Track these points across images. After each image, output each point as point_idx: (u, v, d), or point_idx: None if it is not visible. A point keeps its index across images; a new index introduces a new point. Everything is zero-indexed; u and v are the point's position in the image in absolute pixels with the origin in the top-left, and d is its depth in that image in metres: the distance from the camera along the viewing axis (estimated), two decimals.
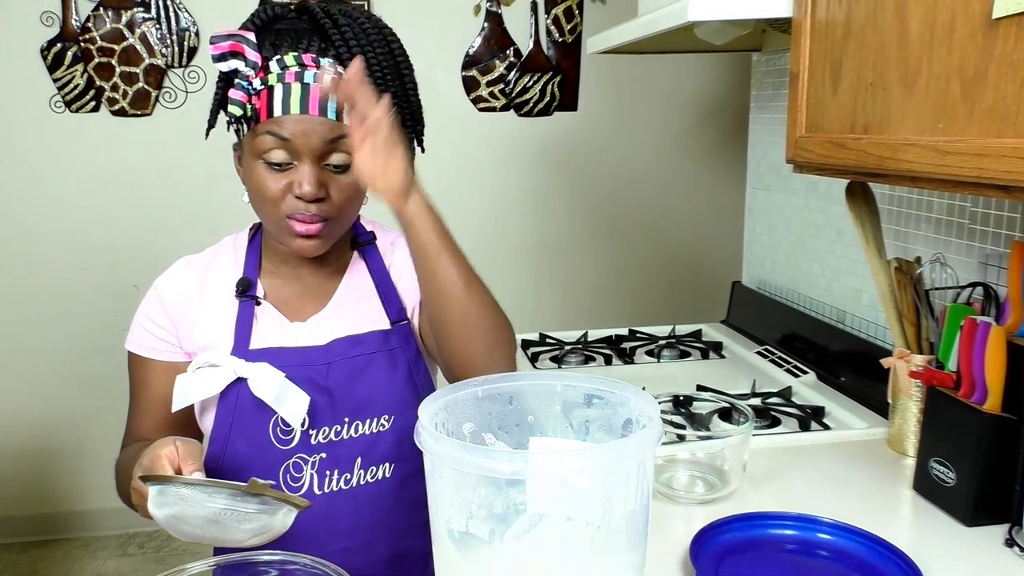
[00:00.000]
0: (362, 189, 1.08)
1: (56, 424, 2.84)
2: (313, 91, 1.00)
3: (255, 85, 1.01)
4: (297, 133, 1.00)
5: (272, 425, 1.06)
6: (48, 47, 2.59)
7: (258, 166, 1.02)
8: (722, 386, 1.60)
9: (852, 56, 1.02)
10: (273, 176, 1.01)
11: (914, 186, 0.95)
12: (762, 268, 2.12)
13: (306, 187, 0.99)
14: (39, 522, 2.89)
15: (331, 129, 1.01)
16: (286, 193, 1.01)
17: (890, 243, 1.46)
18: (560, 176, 2.94)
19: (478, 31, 2.77)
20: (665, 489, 1.16)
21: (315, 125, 1.00)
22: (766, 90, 2.04)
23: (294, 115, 1.00)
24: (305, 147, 1.00)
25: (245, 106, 1.01)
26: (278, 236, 1.07)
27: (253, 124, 1.02)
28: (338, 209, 1.04)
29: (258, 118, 1.01)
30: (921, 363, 1.23)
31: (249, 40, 1.00)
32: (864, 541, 0.99)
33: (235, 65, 1.00)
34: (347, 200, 1.04)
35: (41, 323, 2.76)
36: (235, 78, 1.01)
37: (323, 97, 1.00)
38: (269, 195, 1.02)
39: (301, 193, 1.00)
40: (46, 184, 2.69)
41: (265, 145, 1.00)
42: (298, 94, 1.00)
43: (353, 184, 1.04)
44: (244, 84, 1.01)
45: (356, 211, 1.10)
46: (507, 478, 0.69)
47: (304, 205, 1.01)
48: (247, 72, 1.00)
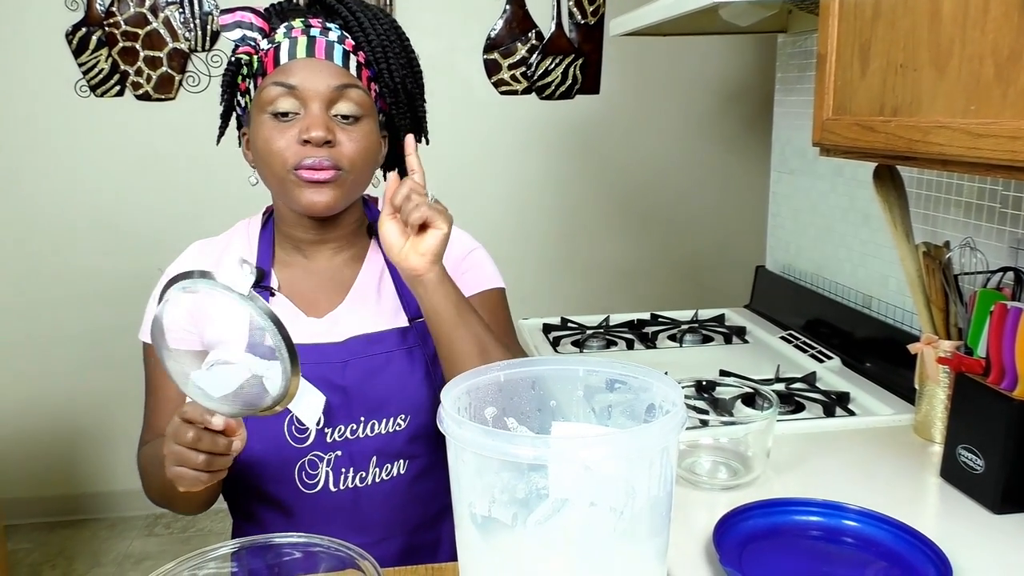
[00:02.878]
0: (377, 152, 1.08)
1: (83, 406, 2.88)
2: (319, 40, 1.01)
3: (262, 45, 1.03)
4: (303, 79, 1.00)
5: (287, 423, 1.04)
6: (73, 31, 2.61)
7: (265, 120, 1.01)
8: (745, 371, 1.59)
9: (882, 37, 1.00)
10: (280, 128, 1.00)
11: (944, 169, 0.93)
12: (786, 253, 2.10)
13: (313, 131, 0.98)
14: (67, 502, 2.94)
15: (338, 75, 1.01)
16: (292, 143, 1.00)
17: (919, 227, 1.44)
18: (582, 159, 2.92)
19: (500, 13, 2.75)
20: (688, 475, 1.15)
21: (322, 69, 1.01)
22: (792, 72, 2.01)
23: (300, 59, 1.00)
24: (311, 92, 1.00)
25: (252, 57, 1.02)
26: (287, 198, 1.04)
27: (260, 80, 1.03)
28: (348, 160, 1.02)
29: (264, 71, 1.02)
30: (949, 349, 1.21)
31: (256, 11, 1.03)
32: (890, 528, 0.98)
33: (242, 32, 1.02)
34: (357, 152, 1.02)
35: (67, 305, 2.80)
36: (240, 46, 1.03)
37: (329, 47, 1.01)
38: (276, 147, 1.00)
39: (309, 136, 0.98)
40: (72, 168, 2.71)
41: (272, 95, 1.00)
42: (304, 43, 1.01)
43: (364, 135, 1.03)
44: (252, 44, 1.02)
45: (370, 171, 1.08)
46: (529, 463, 0.69)
47: (313, 150, 0.99)
48: (254, 35, 1.02)
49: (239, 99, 1.09)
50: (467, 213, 1.82)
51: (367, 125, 1.05)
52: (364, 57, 1.05)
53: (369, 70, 1.06)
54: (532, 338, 1.93)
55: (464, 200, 2.84)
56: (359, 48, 1.05)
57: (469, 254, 1.16)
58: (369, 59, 1.05)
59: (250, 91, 1.05)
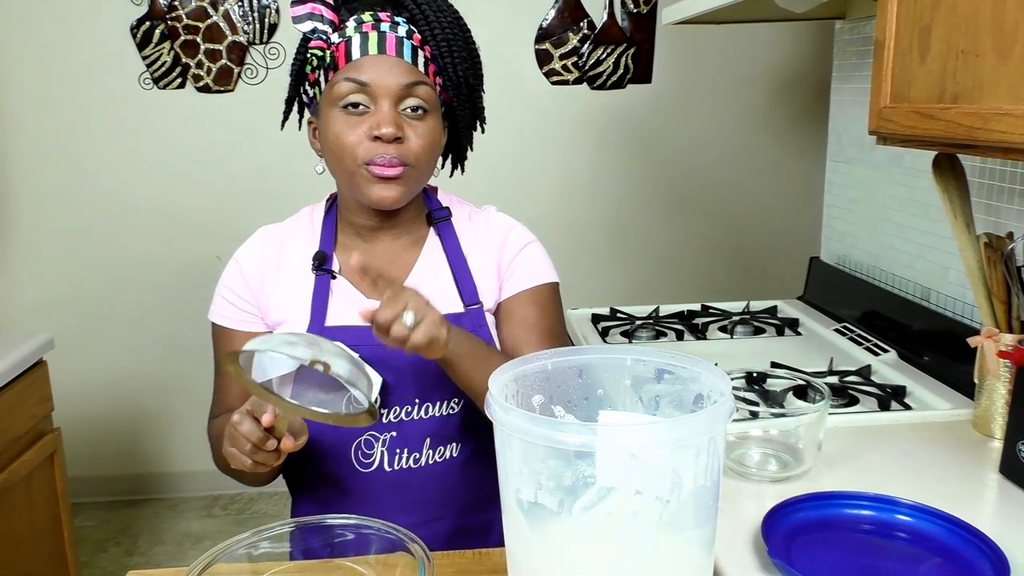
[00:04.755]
0: (440, 145, 1.10)
1: (145, 388, 2.98)
2: (390, 37, 1.03)
3: (333, 39, 1.04)
4: (375, 75, 1.02)
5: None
6: (137, 25, 2.68)
7: (336, 115, 1.04)
8: (797, 364, 1.57)
9: (942, 22, 0.97)
10: (351, 122, 1.03)
11: (1006, 158, 0.90)
12: (841, 244, 2.06)
13: (384, 128, 1.01)
14: (129, 482, 3.05)
15: (408, 72, 1.03)
16: (363, 139, 1.03)
17: (980, 218, 1.40)
18: (634, 150, 2.90)
19: (552, 3, 2.75)
20: (737, 466, 1.15)
21: (392, 66, 1.03)
22: (849, 59, 1.96)
23: (372, 56, 1.02)
24: (382, 88, 1.02)
25: (324, 52, 1.04)
26: (356, 191, 1.07)
27: (331, 74, 1.05)
28: (415, 156, 1.04)
29: (336, 66, 1.04)
30: (1011, 342, 1.18)
31: (327, 2, 1.05)
32: (946, 524, 0.96)
33: (313, 24, 1.04)
34: (424, 147, 1.05)
35: (130, 290, 2.88)
36: (312, 38, 1.04)
37: (399, 44, 1.02)
38: (347, 142, 1.03)
39: (380, 133, 1.01)
40: (135, 158, 2.79)
41: (343, 90, 1.03)
42: (375, 39, 1.03)
43: (430, 131, 1.06)
44: (323, 38, 1.04)
45: (433, 164, 1.11)
46: (576, 450, 0.69)
47: (383, 147, 1.02)
48: (324, 28, 1.04)
49: (307, 88, 1.12)
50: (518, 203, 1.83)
51: (432, 119, 1.07)
52: (430, 52, 1.07)
53: (435, 64, 1.07)
54: (581, 328, 1.93)
55: (515, 190, 2.86)
56: (425, 43, 1.07)
57: (523, 248, 1.17)
58: (435, 54, 1.07)
59: (320, 83, 1.07)
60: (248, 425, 0.91)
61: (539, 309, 1.15)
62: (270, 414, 0.90)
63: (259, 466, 0.94)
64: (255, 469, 0.94)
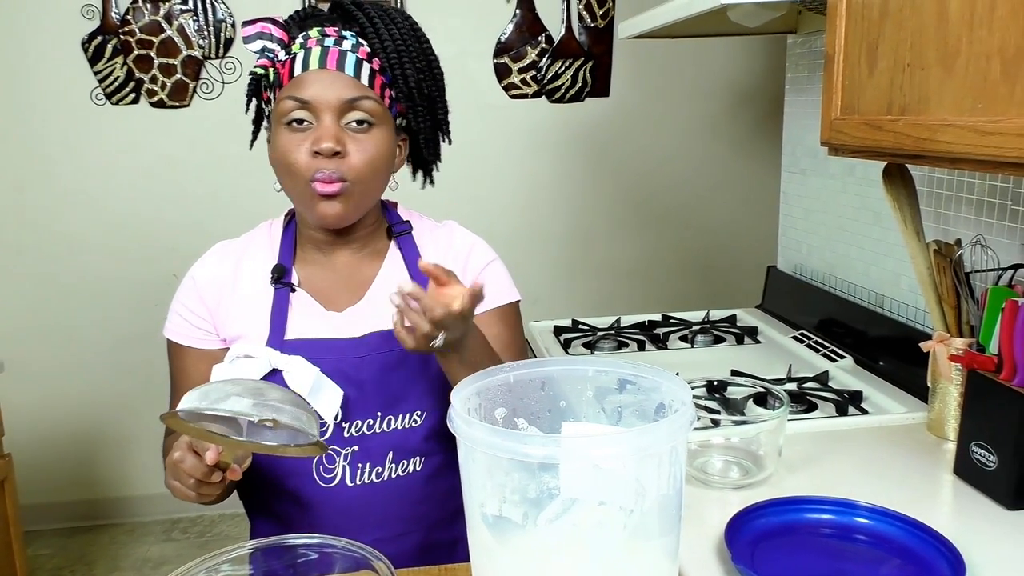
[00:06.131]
0: (389, 159, 1.09)
1: (100, 412, 2.91)
2: (332, 51, 1.03)
3: (280, 57, 1.05)
4: (315, 91, 1.02)
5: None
6: (89, 40, 2.64)
7: (282, 132, 1.04)
8: (757, 371, 1.59)
9: (889, 37, 1.00)
10: (295, 139, 1.03)
11: (953, 167, 0.93)
12: (798, 253, 2.10)
13: (324, 143, 1.01)
14: (86, 508, 2.97)
15: (349, 86, 1.03)
16: (306, 155, 1.02)
17: (930, 226, 1.43)
18: (593, 162, 2.93)
19: (510, 18, 2.77)
20: (699, 474, 1.16)
21: (332, 80, 1.03)
22: (802, 72, 2.01)
23: (313, 71, 1.03)
24: (323, 103, 1.02)
25: (268, 70, 1.05)
26: (304, 208, 1.07)
27: (277, 91, 1.05)
28: (356, 171, 1.04)
29: (281, 83, 1.05)
30: (961, 347, 1.21)
31: (277, 22, 1.05)
32: (903, 525, 0.98)
33: (262, 43, 1.05)
34: (366, 162, 1.04)
35: (83, 311, 2.82)
36: (260, 57, 1.05)
37: (342, 57, 1.03)
38: (292, 159, 1.03)
39: (319, 148, 1.01)
40: (88, 174, 2.74)
41: (286, 107, 1.03)
42: (317, 54, 1.04)
43: (377, 145, 1.05)
44: (270, 56, 1.05)
45: (381, 181, 1.10)
46: (540, 462, 0.69)
47: (324, 162, 1.02)
48: (273, 47, 1.05)
49: (263, 107, 1.12)
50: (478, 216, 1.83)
51: (380, 132, 1.06)
52: (379, 64, 1.06)
53: (384, 76, 1.07)
54: (543, 340, 1.93)
55: (475, 203, 2.86)
56: (374, 55, 1.06)
57: (487, 266, 1.18)
58: (384, 65, 1.06)
59: (272, 101, 1.07)
60: (191, 461, 0.91)
61: (506, 328, 1.16)
62: (213, 452, 0.89)
63: (204, 497, 0.94)
64: (200, 501, 0.95)
